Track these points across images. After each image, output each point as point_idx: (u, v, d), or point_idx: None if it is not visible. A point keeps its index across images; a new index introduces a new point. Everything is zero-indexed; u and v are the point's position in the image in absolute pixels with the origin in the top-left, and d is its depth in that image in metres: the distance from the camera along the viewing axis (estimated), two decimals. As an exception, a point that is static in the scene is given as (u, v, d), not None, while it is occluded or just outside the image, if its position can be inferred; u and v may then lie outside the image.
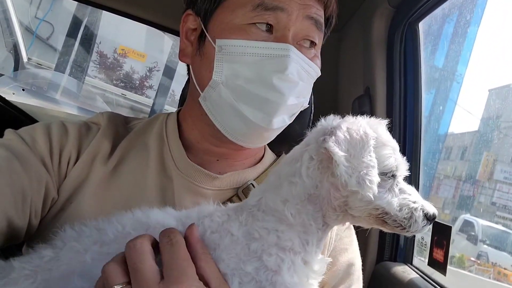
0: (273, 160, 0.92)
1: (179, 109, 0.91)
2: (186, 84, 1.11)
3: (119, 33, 6.79)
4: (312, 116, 1.11)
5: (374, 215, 0.60)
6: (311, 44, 0.78)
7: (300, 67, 0.74)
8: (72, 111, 3.16)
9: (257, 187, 0.78)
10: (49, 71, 4.51)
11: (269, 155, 0.92)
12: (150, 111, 4.87)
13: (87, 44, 4.73)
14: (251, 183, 0.82)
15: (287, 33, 0.73)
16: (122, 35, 6.90)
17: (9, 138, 0.74)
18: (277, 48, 0.72)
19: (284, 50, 0.72)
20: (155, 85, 6.12)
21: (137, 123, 0.88)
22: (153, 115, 0.91)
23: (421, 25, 1.33)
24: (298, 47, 0.75)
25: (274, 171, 0.65)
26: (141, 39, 6.86)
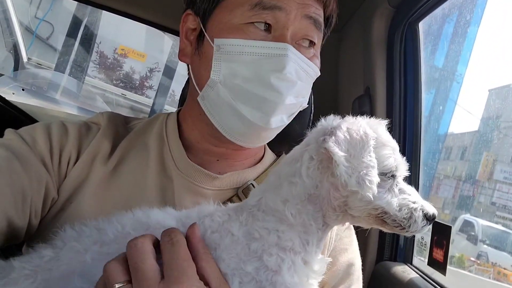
0: (273, 160, 0.92)
1: (179, 109, 0.91)
2: (186, 84, 1.11)
3: (119, 33, 6.78)
4: (312, 116, 1.11)
5: (373, 215, 0.60)
6: (310, 43, 0.77)
7: (298, 66, 0.74)
8: (72, 111, 3.16)
9: (257, 187, 0.78)
10: (49, 71, 4.51)
11: (269, 155, 0.92)
12: (150, 111, 4.87)
13: (87, 44, 4.73)
14: (251, 183, 0.82)
15: (286, 32, 0.73)
16: (122, 35, 6.89)
17: (9, 138, 0.74)
18: (275, 47, 0.72)
19: (282, 49, 0.72)
20: (155, 85, 6.11)
21: (137, 123, 0.88)
22: (153, 115, 0.91)
23: (421, 25, 1.33)
24: (297, 46, 0.74)
25: (274, 171, 0.65)
26: (141, 39, 6.86)
